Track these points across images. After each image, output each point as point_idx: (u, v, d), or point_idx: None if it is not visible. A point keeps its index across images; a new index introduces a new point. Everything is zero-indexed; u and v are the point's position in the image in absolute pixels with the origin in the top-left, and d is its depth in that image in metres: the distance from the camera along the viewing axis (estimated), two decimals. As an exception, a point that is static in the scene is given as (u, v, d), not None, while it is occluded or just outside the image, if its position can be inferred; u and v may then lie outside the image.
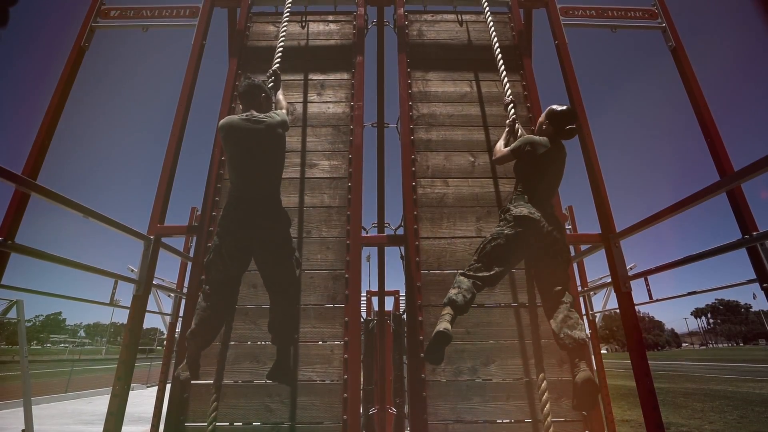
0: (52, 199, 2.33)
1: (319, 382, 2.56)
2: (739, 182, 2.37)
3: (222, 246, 2.04)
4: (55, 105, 3.13)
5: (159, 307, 5.40)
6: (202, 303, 2.09)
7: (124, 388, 2.55)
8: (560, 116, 2.18)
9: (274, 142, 2.20)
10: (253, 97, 2.28)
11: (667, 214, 2.67)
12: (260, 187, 2.15)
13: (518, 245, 2.02)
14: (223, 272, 2.09)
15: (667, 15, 3.84)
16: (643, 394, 2.49)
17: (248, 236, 2.06)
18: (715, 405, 10.98)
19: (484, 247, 2.06)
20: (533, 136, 2.23)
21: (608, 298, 5.72)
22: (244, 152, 2.13)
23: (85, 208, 2.51)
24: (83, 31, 3.62)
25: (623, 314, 2.78)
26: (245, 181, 2.13)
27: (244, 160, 2.13)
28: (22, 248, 2.34)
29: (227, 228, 2.06)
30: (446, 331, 1.84)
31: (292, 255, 2.23)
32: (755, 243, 2.64)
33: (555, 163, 2.19)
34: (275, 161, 2.23)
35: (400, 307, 8.33)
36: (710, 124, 3.25)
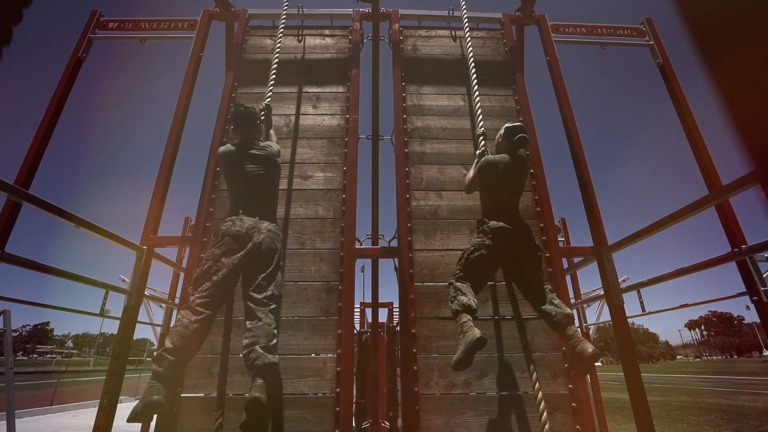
0: (44, 209, 2.32)
1: (311, 396, 2.53)
2: (727, 197, 2.42)
3: (222, 264, 2.06)
4: (50, 115, 3.13)
5: (150, 318, 5.32)
6: (190, 316, 1.97)
7: (112, 401, 2.50)
8: (510, 130, 2.45)
9: (274, 170, 2.38)
10: (251, 125, 2.39)
11: (657, 227, 2.72)
12: (261, 209, 2.26)
13: (497, 254, 2.24)
14: (216, 284, 2.05)
15: (654, 33, 3.95)
16: (636, 407, 2.49)
17: (248, 256, 2.11)
18: (711, 418, 10.94)
19: (467, 258, 2.25)
20: (490, 157, 2.48)
21: (602, 310, 5.73)
22: (246, 179, 2.26)
23: (78, 218, 2.50)
24: (81, 42, 3.65)
25: (616, 327, 2.80)
26: (246, 205, 2.23)
27: (246, 186, 2.26)
28: (11, 258, 2.32)
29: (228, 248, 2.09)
30: (484, 335, 1.89)
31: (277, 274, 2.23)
32: (744, 256, 2.68)
33: (515, 175, 2.43)
34: (274, 186, 2.40)
35: (394, 318, 8.29)
36: (698, 139, 3.33)
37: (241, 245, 2.11)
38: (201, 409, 2.47)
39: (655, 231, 2.74)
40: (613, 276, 2.92)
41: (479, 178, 2.49)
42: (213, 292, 2.03)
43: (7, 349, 5.68)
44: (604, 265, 2.95)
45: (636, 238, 2.79)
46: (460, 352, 1.91)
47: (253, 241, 2.12)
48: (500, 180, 2.40)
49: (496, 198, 2.40)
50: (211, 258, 2.09)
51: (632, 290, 3.50)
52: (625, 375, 2.62)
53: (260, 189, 2.32)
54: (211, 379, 2.56)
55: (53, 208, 2.35)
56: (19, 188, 2.25)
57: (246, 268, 2.14)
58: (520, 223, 2.31)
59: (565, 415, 2.47)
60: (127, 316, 2.76)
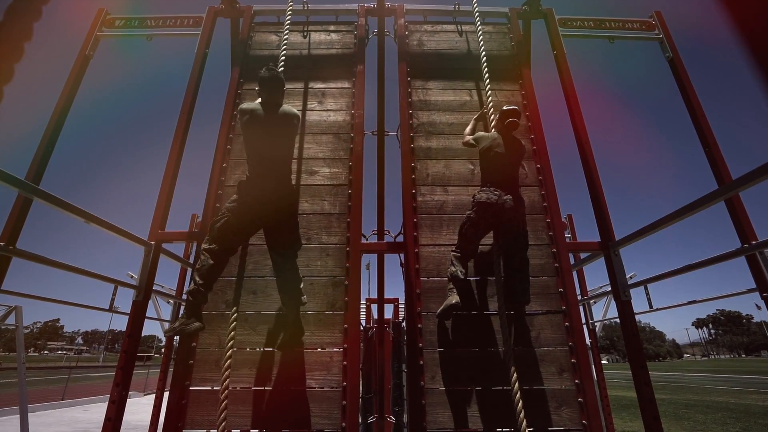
0: (54, 204, 2.35)
1: (317, 389, 2.55)
2: (736, 191, 2.38)
3: (241, 211, 2.30)
4: (59, 111, 3.17)
5: (158, 314, 5.38)
6: (208, 260, 2.26)
7: (122, 394, 2.54)
8: (503, 113, 2.77)
9: (292, 130, 2.55)
10: (278, 89, 2.50)
11: (665, 222, 2.69)
12: (280, 164, 2.47)
13: (481, 224, 2.59)
14: (237, 235, 2.34)
15: (664, 26, 3.90)
16: (643, 403, 2.48)
17: (265, 207, 2.35)
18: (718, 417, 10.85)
19: (461, 229, 2.68)
20: (482, 133, 2.84)
21: (608, 306, 5.69)
22: (267, 136, 2.42)
23: (87, 213, 2.53)
24: (88, 39, 3.68)
25: (623, 323, 2.78)
26: (265, 160, 2.42)
27: (266, 143, 2.42)
28: (23, 253, 2.36)
29: (247, 198, 2.33)
30: (458, 303, 2.46)
31: (299, 226, 2.59)
32: (754, 251, 2.65)
33: (507, 153, 2.71)
34: (291, 146, 2.58)
35: (399, 314, 8.30)
36: (708, 133, 3.29)
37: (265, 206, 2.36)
38: (209, 402, 2.50)
39: (664, 225, 2.71)
40: (621, 271, 2.90)
41: (469, 145, 2.92)
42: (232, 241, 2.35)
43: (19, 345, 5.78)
44: (612, 261, 2.92)
45: (644, 233, 2.77)
46: (441, 309, 2.50)
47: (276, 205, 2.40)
48: (492, 157, 2.70)
49: (488, 172, 2.72)
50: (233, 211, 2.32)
51: (639, 286, 3.48)
52: (632, 371, 2.61)
53: (282, 150, 2.49)
54: (218, 372, 2.58)
55: (64, 203, 2.38)
56: (30, 183, 2.28)
57: (270, 227, 2.44)
58: (514, 196, 2.60)
59: (572, 410, 2.46)
60: (136, 310, 2.80)
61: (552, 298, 2.81)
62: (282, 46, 3.20)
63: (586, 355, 2.56)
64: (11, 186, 2.08)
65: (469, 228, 2.62)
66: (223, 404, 2.18)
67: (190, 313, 2.23)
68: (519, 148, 2.80)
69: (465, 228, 2.65)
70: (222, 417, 2.16)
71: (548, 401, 2.49)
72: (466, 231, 2.64)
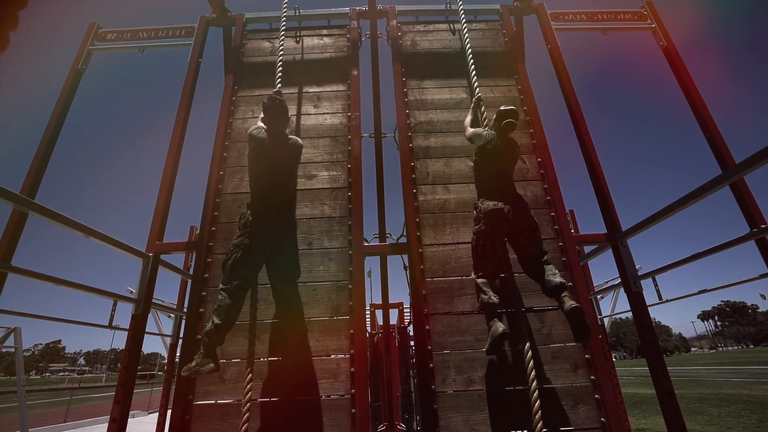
0: (50, 218, 2.29)
1: (324, 398, 2.47)
2: (741, 174, 2.34)
3: (253, 246, 2.31)
4: (53, 125, 3.13)
5: (159, 329, 5.29)
6: (226, 300, 2.23)
7: (123, 412, 2.46)
8: (501, 114, 2.61)
9: (298, 160, 2.65)
10: (283, 117, 2.58)
11: (672, 210, 2.64)
12: (283, 194, 2.52)
13: (496, 233, 2.39)
14: (250, 269, 2.32)
15: (656, 16, 3.89)
16: (662, 397, 2.40)
17: (275, 236, 2.40)
18: (732, 410, 10.69)
19: (475, 249, 2.46)
20: (480, 130, 2.71)
21: (615, 301, 5.63)
22: (274, 165, 2.48)
23: (84, 227, 2.47)
24: (80, 54, 3.66)
25: (636, 315, 2.71)
26: (273, 189, 2.46)
27: (274, 172, 2.47)
28: (18, 270, 2.29)
29: (258, 230, 2.34)
30: (505, 331, 2.16)
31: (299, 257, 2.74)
32: (764, 234, 2.60)
33: (504, 155, 2.58)
34: (295, 175, 2.66)
35: (404, 319, 8.20)
36: (708, 119, 3.26)
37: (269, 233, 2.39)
38: (214, 416, 2.42)
39: (670, 213, 2.66)
40: (630, 262, 2.84)
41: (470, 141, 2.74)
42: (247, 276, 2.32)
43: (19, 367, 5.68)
44: (620, 252, 2.87)
45: (652, 222, 2.72)
46: (488, 344, 2.20)
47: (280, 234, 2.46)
48: (490, 159, 2.56)
49: (487, 177, 2.57)
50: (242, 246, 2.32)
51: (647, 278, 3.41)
52: (648, 364, 2.54)
53: (287, 177, 2.57)
54: (222, 386, 2.51)
55: (61, 217, 2.33)
56: (25, 197, 2.22)
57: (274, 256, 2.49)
58: (514, 200, 2.44)
59: (589, 408, 2.39)
60: (136, 324, 2.73)
61: (561, 292, 2.74)
62: (278, 52, 3.19)
63: (600, 350, 2.49)
64: (5, 200, 2.03)
65: (484, 243, 2.39)
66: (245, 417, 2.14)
67: (206, 352, 2.18)
68: (515, 149, 2.67)
69: (479, 246, 2.42)
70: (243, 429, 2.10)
71: (564, 400, 2.42)
72: (480, 249, 2.41)
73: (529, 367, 2.17)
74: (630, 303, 2.81)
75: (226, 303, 2.21)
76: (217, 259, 2.88)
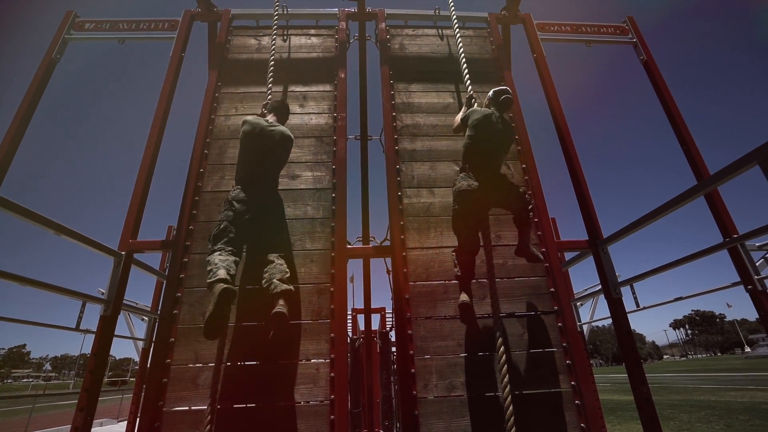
0: (16, 212, 2.16)
1: (303, 404, 2.39)
2: (715, 185, 2.40)
3: (236, 218, 2.40)
4: (21, 115, 2.97)
5: (131, 332, 5.07)
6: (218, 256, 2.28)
7: (87, 419, 2.31)
8: (496, 93, 2.67)
9: (287, 150, 2.74)
10: (285, 114, 2.90)
11: (651, 218, 2.69)
12: (271, 176, 2.67)
13: (468, 213, 2.46)
14: (234, 239, 2.39)
15: (637, 31, 4.02)
16: (640, 402, 2.43)
17: (259, 212, 2.48)
18: (701, 415, 11.03)
19: (453, 224, 2.57)
20: (477, 108, 2.65)
21: (595, 308, 5.72)
22: (265, 149, 2.60)
23: (53, 223, 2.35)
24: (55, 42, 3.51)
25: (615, 321, 2.75)
26: (260, 171, 2.59)
27: (263, 155, 2.60)
28: (-25, 266, 2.14)
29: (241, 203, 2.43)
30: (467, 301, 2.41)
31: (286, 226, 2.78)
32: (736, 243, 2.68)
33: (499, 133, 2.54)
34: (279, 164, 2.73)
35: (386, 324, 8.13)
36: (684, 131, 3.36)
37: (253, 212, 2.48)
38: (186, 423, 2.30)
39: (649, 221, 2.71)
40: (611, 269, 2.89)
41: (464, 123, 2.66)
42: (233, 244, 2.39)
43: (-23, 371, 5.32)
44: (601, 258, 2.91)
45: (631, 229, 2.77)
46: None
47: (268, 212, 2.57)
48: (482, 134, 2.51)
49: (474, 156, 2.52)
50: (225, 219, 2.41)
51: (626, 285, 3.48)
52: (627, 370, 2.56)
53: (274, 166, 2.68)
54: (195, 391, 2.40)
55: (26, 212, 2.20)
56: (-16, 190, 2.08)
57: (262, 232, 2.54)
58: (497, 178, 2.49)
59: (569, 413, 2.39)
60: (104, 326, 2.58)
61: (543, 298, 2.75)
62: (272, 49, 3.15)
63: (582, 355, 2.51)
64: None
65: (457, 220, 2.52)
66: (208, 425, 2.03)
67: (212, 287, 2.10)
68: (510, 130, 2.64)
69: (454, 222, 2.56)
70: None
71: (545, 405, 2.41)
72: (456, 225, 2.55)
73: (503, 371, 2.15)
74: (610, 309, 2.84)
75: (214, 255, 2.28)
76: (194, 258, 2.77)
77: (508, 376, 2.10)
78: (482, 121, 2.50)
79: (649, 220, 2.71)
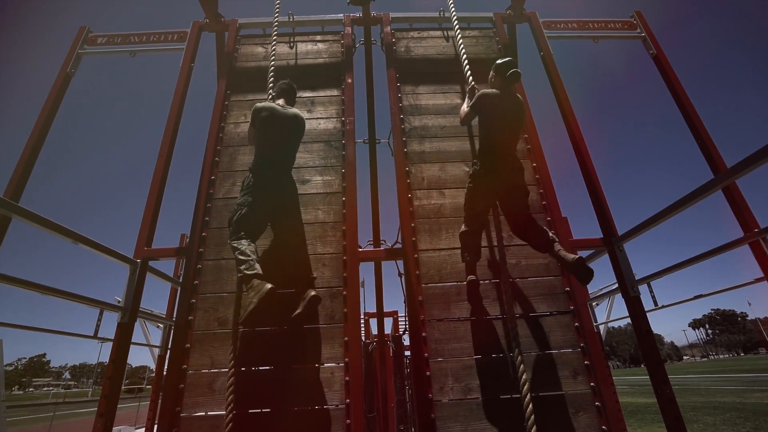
0: (36, 222, 2.21)
1: (319, 409, 2.38)
2: (733, 179, 2.34)
3: (255, 202, 2.44)
4: (39, 129, 3.06)
5: (147, 339, 5.14)
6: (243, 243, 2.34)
7: (107, 425, 2.34)
8: (501, 66, 2.56)
9: (303, 130, 2.81)
10: (293, 96, 2.93)
11: (666, 214, 2.63)
12: (287, 160, 2.70)
13: (483, 192, 2.51)
14: (255, 224, 2.47)
15: (645, 25, 3.96)
16: (663, 403, 2.36)
17: (277, 196, 2.55)
18: (726, 418, 10.69)
19: (465, 205, 2.63)
20: (485, 90, 2.58)
21: (611, 308, 5.61)
22: (281, 131, 2.65)
23: (72, 232, 2.40)
24: (69, 57, 3.60)
25: (634, 320, 2.68)
26: (277, 154, 2.62)
27: (281, 139, 2.65)
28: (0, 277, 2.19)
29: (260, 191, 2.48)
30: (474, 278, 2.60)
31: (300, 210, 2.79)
32: (758, 237, 2.60)
33: (511, 110, 2.52)
34: (298, 144, 2.80)
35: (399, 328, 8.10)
36: (699, 124, 3.29)
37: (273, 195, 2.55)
38: (203, 429, 2.32)
39: (665, 218, 2.65)
40: (627, 267, 2.82)
41: (474, 111, 2.64)
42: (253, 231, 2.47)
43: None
44: (617, 256, 2.85)
45: (647, 226, 2.71)
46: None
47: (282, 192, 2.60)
48: (496, 115, 2.50)
49: (489, 135, 2.53)
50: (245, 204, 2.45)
51: (643, 283, 3.40)
52: (648, 370, 2.50)
53: (294, 146, 2.76)
54: (211, 397, 2.41)
55: (48, 222, 2.24)
56: (9, 201, 2.14)
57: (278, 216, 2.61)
58: (512, 162, 2.48)
59: (589, 415, 2.33)
60: (121, 333, 2.62)
61: (559, 298, 2.71)
62: (270, 57, 3.17)
63: (600, 355, 2.46)
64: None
65: (471, 200, 2.55)
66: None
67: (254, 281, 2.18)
68: (521, 105, 2.60)
69: (468, 203, 2.59)
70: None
71: (564, 407, 2.36)
72: (469, 206, 2.59)
73: (520, 370, 2.14)
74: (628, 308, 2.78)
75: (244, 244, 2.33)
76: (208, 265, 2.80)
77: (525, 377, 2.08)
78: (496, 103, 2.50)
79: (666, 215, 2.65)
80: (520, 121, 2.60)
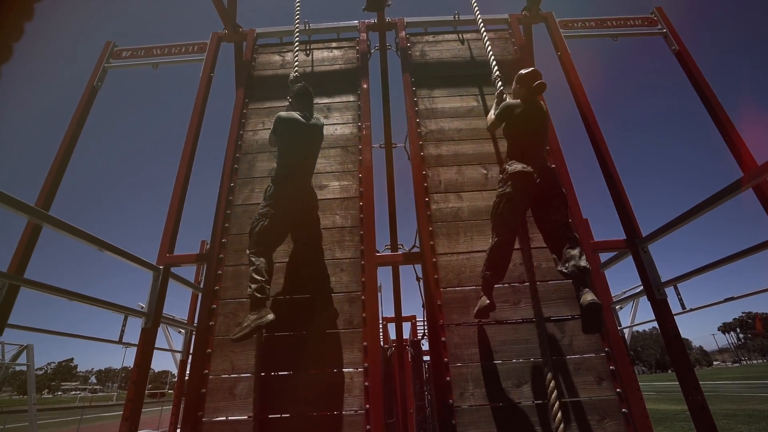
0: (65, 230, 2.29)
1: (338, 414, 2.38)
2: (765, 176, 2.25)
3: (277, 214, 2.48)
4: (68, 140, 3.18)
5: (169, 344, 5.25)
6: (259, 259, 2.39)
7: (131, 428, 2.39)
8: (526, 77, 2.56)
9: (322, 139, 2.84)
10: (311, 101, 2.85)
11: (694, 214, 2.54)
12: (308, 170, 2.72)
13: (520, 198, 2.33)
14: (276, 235, 2.53)
15: (666, 21, 3.86)
16: (694, 410, 2.26)
17: (297, 208, 2.57)
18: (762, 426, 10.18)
19: (496, 210, 2.43)
20: (509, 101, 2.62)
21: (635, 311, 5.44)
22: (302, 142, 2.67)
23: (98, 240, 2.48)
24: (96, 71, 3.75)
25: (661, 324, 2.59)
26: (298, 164, 2.64)
27: (301, 148, 2.67)
28: (31, 283, 2.28)
29: (281, 201, 2.52)
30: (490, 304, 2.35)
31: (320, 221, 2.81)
32: (793, 238, 2.48)
33: (536, 119, 2.51)
34: (317, 153, 2.83)
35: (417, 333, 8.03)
36: (726, 121, 3.18)
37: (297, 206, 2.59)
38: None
39: (692, 218, 2.56)
40: (652, 268, 2.74)
41: (500, 120, 2.66)
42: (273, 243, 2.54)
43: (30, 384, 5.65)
44: (641, 258, 2.76)
45: (673, 227, 2.62)
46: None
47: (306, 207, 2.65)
48: (521, 124, 2.51)
49: (517, 142, 2.52)
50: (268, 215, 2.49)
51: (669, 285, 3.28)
52: (678, 376, 2.41)
53: (315, 156, 2.80)
54: (232, 401, 2.44)
55: (75, 230, 2.33)
56: (40, 210, 2.23)
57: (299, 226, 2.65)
58: (544, 166, 2.38)
59: (616, 423, 2.26)
60: (145, 338, 2.69)
61: (581, 301, 2.64)
62: (294, 64, 3.23)
63: (625, 360, 2.38)
64: (21, 212, 2.03)
65: (506, 205, 2.35)
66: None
67: (259, 306, 2.27)
68: (545, 115, 2.60)
69: (499, 208, 2.40)
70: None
71: (589, 414, 2.29)
72: (500, 211, 2.39)
73: (548, 378, 2.08)
74: (654, 311, 2.69)
75: (261, 262, 2.37)
76: (228, 271, 2.85)
77: (553, 384, 2.03)
78: (522, 112, 2.51)
79: (694, 215, 2.56)
80: (545, 126, 2.58)
